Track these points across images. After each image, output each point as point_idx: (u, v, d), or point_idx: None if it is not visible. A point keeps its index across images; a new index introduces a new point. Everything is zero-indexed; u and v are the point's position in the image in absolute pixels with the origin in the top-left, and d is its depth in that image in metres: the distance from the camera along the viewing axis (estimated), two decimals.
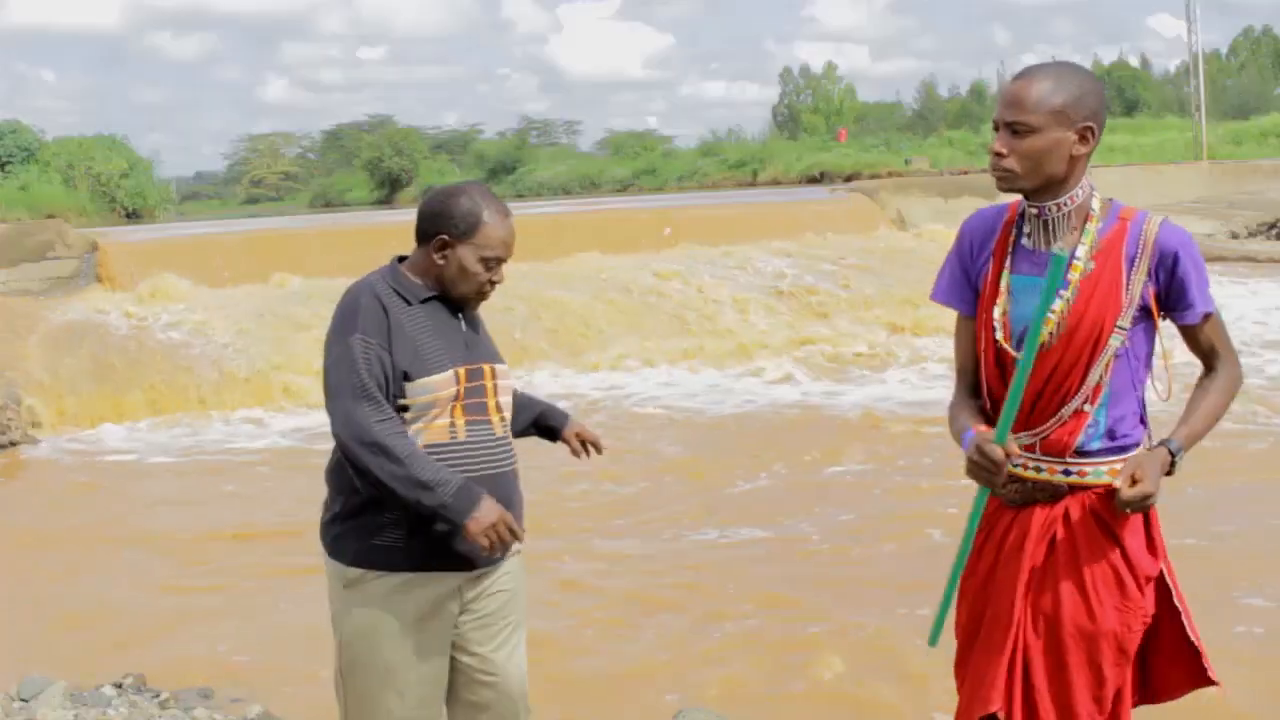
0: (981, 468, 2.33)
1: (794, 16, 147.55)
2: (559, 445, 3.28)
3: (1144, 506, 2.30)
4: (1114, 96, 48.92)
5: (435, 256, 2.83)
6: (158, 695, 4.78)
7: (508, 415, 2.96)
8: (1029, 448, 2.41)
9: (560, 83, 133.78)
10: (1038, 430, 2.39)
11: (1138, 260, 2.33)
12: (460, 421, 2.79)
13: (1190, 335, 2.44)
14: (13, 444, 10.51)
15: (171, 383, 11.91)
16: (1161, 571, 2.45)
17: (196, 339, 12.75)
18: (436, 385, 2.75)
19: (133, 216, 34.71)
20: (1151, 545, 2.41)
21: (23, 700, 4.59)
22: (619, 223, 19.62)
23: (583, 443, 3.20)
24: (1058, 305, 2.33)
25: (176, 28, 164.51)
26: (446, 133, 71.37)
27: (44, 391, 11.43)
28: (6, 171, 32.76)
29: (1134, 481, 2.27)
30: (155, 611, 6.23)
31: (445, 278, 2.84)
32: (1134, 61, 54.57)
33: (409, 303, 2.80)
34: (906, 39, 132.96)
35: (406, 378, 2.74)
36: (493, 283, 2.88)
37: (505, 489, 2.85)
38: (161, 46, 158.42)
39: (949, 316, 2.59)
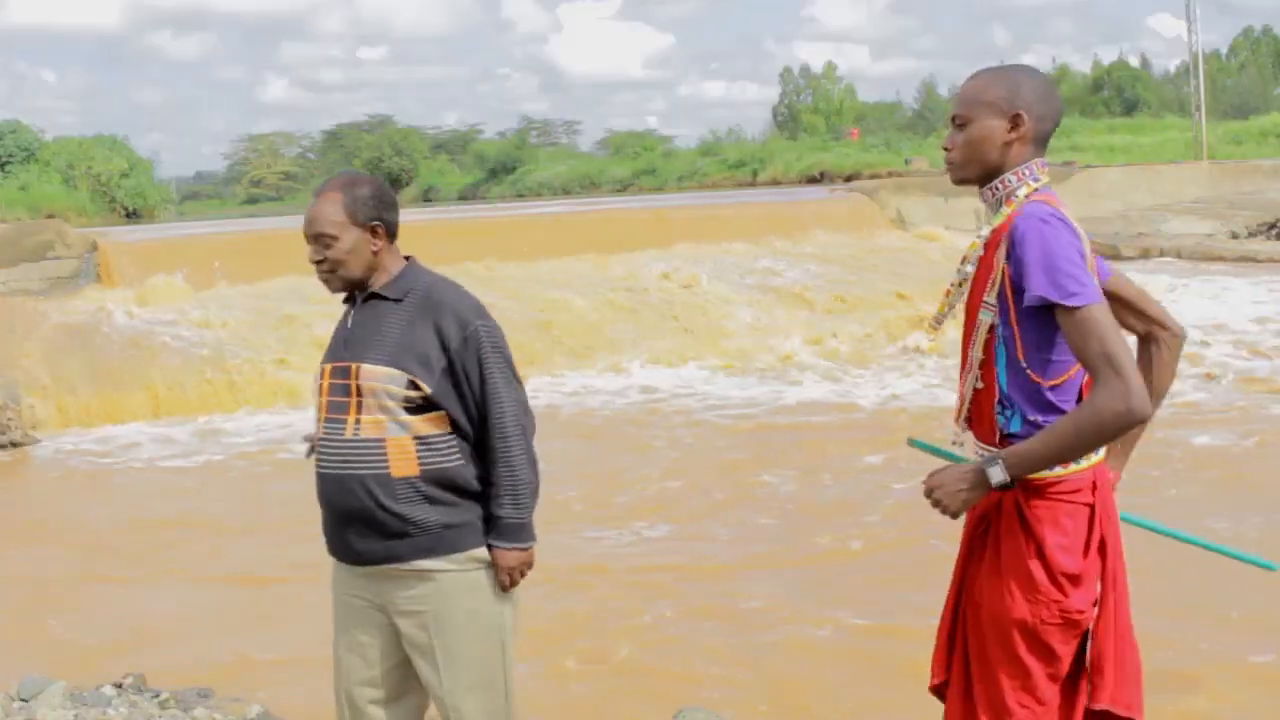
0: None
1: (794, 16, 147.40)
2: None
3: (940, 506, 2.41)
4: (1114, 97, 48.99)
5: None
6: (158, 695, 4.78)
7: (370, 417, 2.78)
8: (966, 427, 2.56)
9: (560, 83, 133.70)
10: (960, 411, 2.55)
11: (1003, 241, 2.40)
12: (322, 417, 2.88)
13: (1064, 334, 2.32)
14: (13, 444, 10.52)
15: (171, 383, 11.92)
16: (1105, 582, 2.44)
17: (196, 339, 12.76)
18: (312, 381, 2.98)
19: (133, 216, 34.69)
20: (1086, 545, 2.40)
21: (23, 700, 4.59)
22: (619, 223, 19.64)
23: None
24: (956, 280, 2.53)
25: (176, 28, 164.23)
26: (446, 133, 71.38)
27: (44, 391, 11.44)
28: (6, 171, 32.75)
29: (926, 483, 2.43)
30: (155, 611, 6.23)
31: None
32: (1134, 61, 54.56)
33: (346, 303, 2.99)
34: (906, 39, 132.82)
35: None
36: (318, 263, 2.87)
37: (349, 491, 2.79)
38: (161, 46, 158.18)
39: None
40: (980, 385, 2.47)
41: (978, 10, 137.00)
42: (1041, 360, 2.38)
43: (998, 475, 2.35)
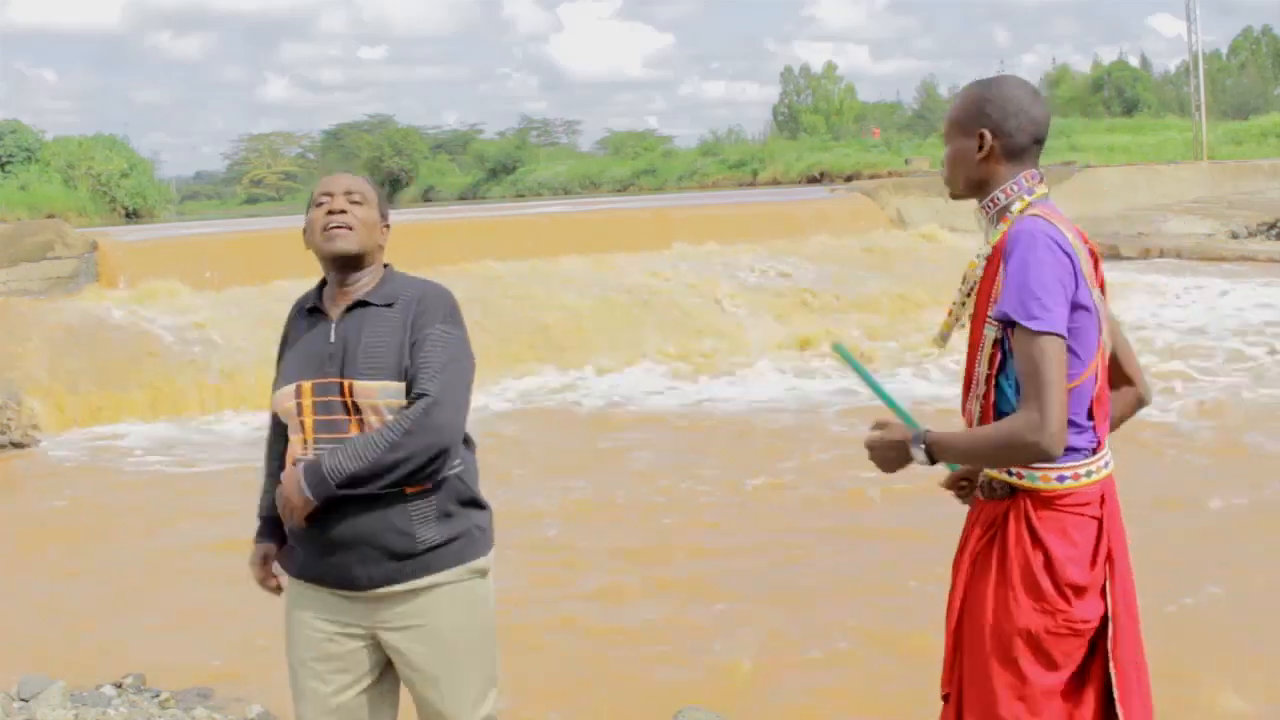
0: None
1: (794, 16, 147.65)
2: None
3: (873, 455, 2.52)
4: (1114, 97, 48.96)
5: (307, 246, 2.85)
6: (158, 695, 4.78)
7: None
8: None
9: (560, 82, 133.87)
10: (972, 424, 2.53)
11: (1004, 256, 2.40)
12: (310, 438, 2.68)
13: (1014, 348, 2.34)
14: (13, 444, 10.52)
15: (171, 382, 11.92)
16: (1106, 593, 2.42)
17: (196, 339, 12.76)
18: (280, 400, 2.76)
19: (133, 216, 34.65)
20: (1093, 558, 2.40)
21: (23, 700, 4.59)
22: (619, 223, 19.63)
23: None
24: (958, 299, 2.55)
25: (176, 28, 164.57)
26: (446, 133, 71.39)
27: (44, 391, 11.44)
28: (6, 171, 32.72)
29: (878, 429, 2.53)
30: (155, 611, 6.23)
31: (315, 251, 2.80)
32: (1134, 61, 54.55)
33: (299, 312, 2.86)
34: (906, 39, 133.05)
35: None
36: (332, 212, 2.73)
37: (352, 514, 2.64)
38: (162, 46, 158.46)
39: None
40: (985, 401, 2.46)
41: (978, 10, 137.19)
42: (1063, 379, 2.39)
43: (919, 456, 2.43)
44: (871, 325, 14.74)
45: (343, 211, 2.74)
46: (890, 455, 2.49)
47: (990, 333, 2.42)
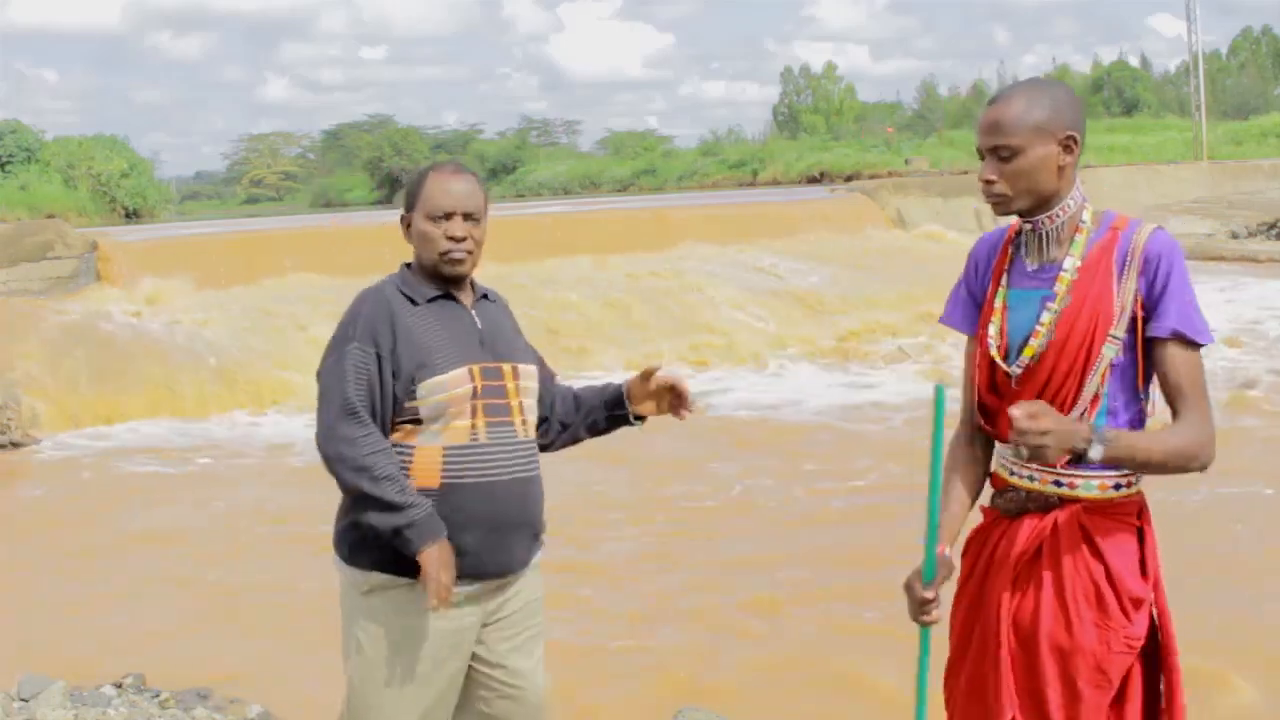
0: (910, 600, 2.37)
1: (794, 16, 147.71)
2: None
3: (1029, 445, 2.15)
4: (1114, 97, 48.92)
5: (408, 240, 2.80)
6: (158, 695, 4.78)
7: (531, 419, 2.81)
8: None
9: (560, 82, 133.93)
10: None
11: (1127, 268, 2.29)
12: (481, 423, 2.68)
13: (1160, 361, 2.27)
14: (13, 444, 10.52)
15: (171, 382, 11.92)
16: (1152, 609, 2.36)
17: (196, 339, 12.76)
18: (448, 384, 2.66)
19: (133, 216, 34.63)
20: (1143, 568, 2.34)
21: (23, 700, 4.59)
22: (619, 223, 19.64)
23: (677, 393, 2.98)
24: (1046, 318, 2.34)
25: (176, 28, 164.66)
26: (447, 132, 71.35)
27: (44, 391, 11.43)
28: (6, 171, 32.69)
29: (1033, 417, 2.15)
30: (155, 611, 6.23)
31: (420, 258, 2.76)
32: (1134, 61, 54.51)
33: (415, 303, 2.73)
34: (906, 39, 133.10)
35: (415, 380, 2.65)
36: (455, 239, 2.69)
37: (526, 495, 2.76)
38: (161, 46, 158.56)
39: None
40: (1085, 418, 2.30)
41: (978, 10, 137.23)
42: (1149, 391, 2.35)
43: (1097, 452, 2.19)
44: (871, 325, 14.73)
45: (464, 239, 2.71)
46: (1063, 445, 2.17)
47: (1110, 352, 2.29)
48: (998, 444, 2.48)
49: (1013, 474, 2.40)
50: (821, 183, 32.70)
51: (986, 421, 2.48)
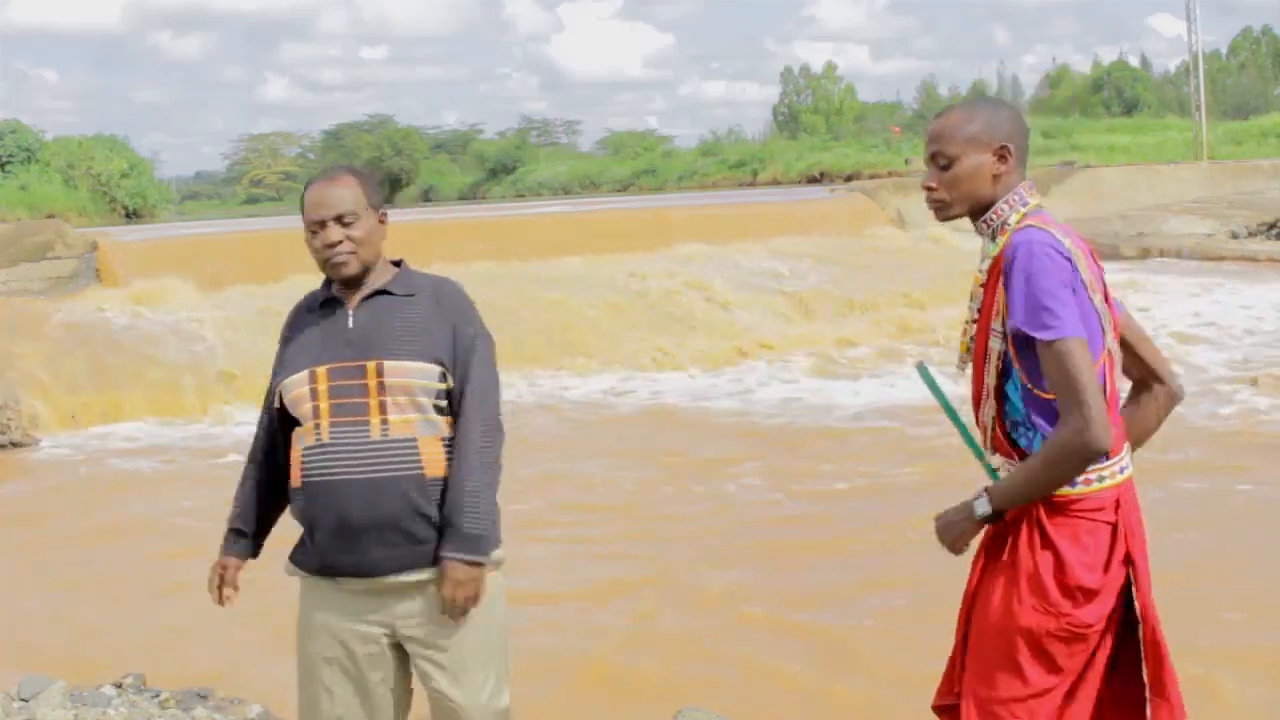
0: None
1: (794, 16, 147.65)
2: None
3: (943, 534, 2.50)
4: (1114, 97, 48.94)
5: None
6: (158, 695, 4.78)
7: (401, 416, 2.71)
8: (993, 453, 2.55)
9: (560, 82, 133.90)
10: (985, 439, 2.55)
11: (1001, 270, 2.43)
12: (325, 423, 2.73)
13: (1041, 363, 2.36)
14: (13, 444, 10.52)
15: (171, 382, 11.91)
16: (1131, 593, 2.44)
17: (196, 339, 12.76)
18: (291, 386, 2.80)
19: (133, 216, 34.63)
20: (1106, 562, 2.40)
21: (23, 700, 4.59)
22: (619, 223, 19.64)
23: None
24: (966, 316, 2.54)
25: (176, 28, 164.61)
26: (446, 133, 71.37)
27: (44, 391, 11.43)
28: (6, 171, 32.68)
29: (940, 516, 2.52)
30: (155, 611, 6.23)
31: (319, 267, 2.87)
32: (1134, 61, 54.52)
33: (310, 309, 2.89)
34: (906, 39, 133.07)
35: (277, 384, 2.86)
36: (330, 245, 2.76)
37: (379, 496, 2.68)
38: (161, 46, 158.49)
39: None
40: (995, 411, 2.48)
41: (978, 10, 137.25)
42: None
43: (981, 508, 2.43)
44: (871, 325, 14.73)
45: (339, 243, 2.77)
46: (959, 525, 2.48)
47: (996, 345, 2.44)
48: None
49: (994, 470, 2.56)
50: (821, 183, 32.71)
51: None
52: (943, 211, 2.53)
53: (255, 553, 3.02)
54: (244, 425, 11.09)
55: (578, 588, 6.29)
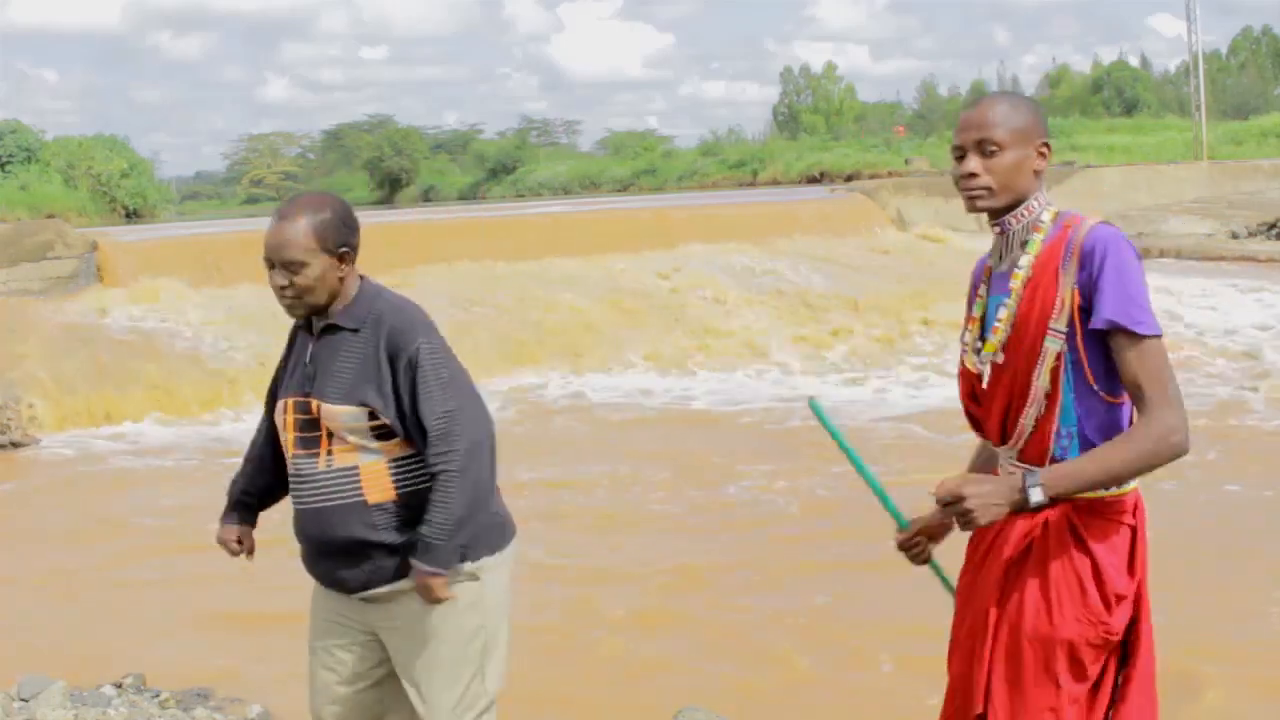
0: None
1: (794, 16, 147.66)
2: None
3: (958, 513, 2.30)
4: (1114, 97, 48.92)
5: None
6: (158, 695, 4.78)
7: (347, 445, 2.75)
8: (1016, 457, 2.44)
9: (560, 82, 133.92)
10: (1014, 443, 2.43)
11: (1067, 262, 2.34)
12: (291, 453, 2.86)
13: (1114, 357, 2.30)
14: (13, 444, 10.52)
15: (171, 382, 11.92)
16: (1137, 606, 2.40)
17: (196, 339, 12.76)
18: (275, 413, 2.92)
19: (133, 216, 34.63)
20: (1131, 567, 2.38)
21: (23, 700, 4.59)
22: (619, 223, 19.63)
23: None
24: (1003, 314, 2.42)
25: (176, 28, 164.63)
26: (446, 133, 71.38)
27: (44, 391, 11.43)
28: (6, 171, 32.68)
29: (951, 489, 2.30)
30: (155, 611, 6.23)
31: None
32: (1134, 61, 54.49)
33: (299, 327, 2.91)
34: (906, 39, 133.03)
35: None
36: (277, 288, 2.76)
37: (326, 523, 2.79)
38: (161, 46, 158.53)
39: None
40: (1042, 414, 2.37)
41: (978, 10, 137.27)
42: (1110, 380, 2.35)
43: (1038, 497, 2.28)
44: (871, 325, 14.72)
45: (285, 287, 2.75)
46: (995, 504, 2.28)
47: (1053, 345, 2.34)
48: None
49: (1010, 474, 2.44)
50: (821, 183, 32.68)
51: (976, 431, 2.58)
52: (985, 200, 2.41)
53: (253, 521, 3.25)
54: (243, 425, 11.09)
55: (576, 589, 6.28)
